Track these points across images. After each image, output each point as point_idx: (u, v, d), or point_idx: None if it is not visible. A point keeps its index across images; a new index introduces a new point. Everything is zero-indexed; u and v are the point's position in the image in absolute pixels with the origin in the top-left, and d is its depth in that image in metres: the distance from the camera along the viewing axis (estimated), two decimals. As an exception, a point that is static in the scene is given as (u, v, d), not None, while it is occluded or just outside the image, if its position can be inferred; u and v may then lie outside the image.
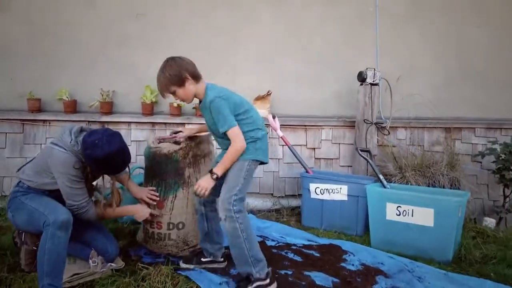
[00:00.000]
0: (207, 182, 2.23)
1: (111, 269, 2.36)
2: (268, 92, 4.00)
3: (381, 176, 3.26)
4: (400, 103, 4.07)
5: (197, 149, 2.70)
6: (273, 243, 3.02)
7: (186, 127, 2.72)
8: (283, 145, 3.95)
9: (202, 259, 2.54)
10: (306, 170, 3.60)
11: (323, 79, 4.28)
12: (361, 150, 3.55)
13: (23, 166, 2.31)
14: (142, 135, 3.86)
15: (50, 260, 1.98)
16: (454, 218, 2.76)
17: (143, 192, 2.58)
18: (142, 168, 2.96)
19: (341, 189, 3.37)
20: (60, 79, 3.92)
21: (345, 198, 3.36)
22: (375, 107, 3.93)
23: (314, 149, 4.10)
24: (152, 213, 2.56)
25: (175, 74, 2.20)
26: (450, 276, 2.55)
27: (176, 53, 2.31)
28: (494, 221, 3.75)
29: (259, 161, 2.32)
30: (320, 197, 3.45)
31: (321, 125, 4.10)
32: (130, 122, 3.86)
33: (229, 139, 2.22)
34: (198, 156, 2.70)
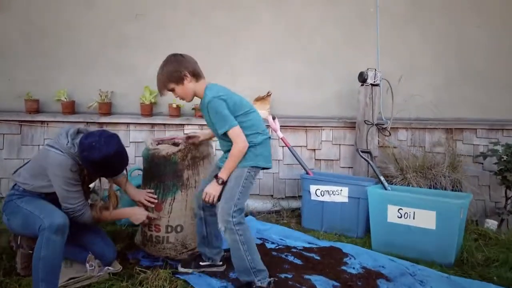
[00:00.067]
0: (214, 188, 2.21)
1: (108, 273, 2.33)
2: (268, 93, 3.97)
3: (382, 177, 3.23)
4: (400, 104, 4.04)
5: (196, 151, 2.67)
6: (273, 246, 2.99)
7: (202, 130, 2.69)
8: (283, 146, 3.92)
9: (200, 263, 2.50)
10: (306, 171, 3.57)
11: (323, 80, 4.25)
12: (362, 151, 3.52)
13: (19, 168, 2.28)
14: (141, 136, 3.83)
15: (45, 266, 1.94)
16: (456, 220, 2.72)
17: (141, 194, 2.54)
18: (141, 169, 2.92)
19: (341, 191, 3.33)
20: (58, 79, 3.89)
21: (346, 200, 3.33)
22: (376, 107, 3.90)
23: (314, 150, 4.07)
24: (149, 216, 2.52)
25: (174, 71, 2.17)
26: (452, 279, 2.52)
27: (176, 53, 2.28)
28: (496, 223, 3.72)
29: (260, 167, 2.27)
30: (320, 198, 3.42)
31: (322, 126, 4.07)
32: (129, 123, 3.84)
33: (230, 140, 2.17)
34: (197, 158, 2.66)
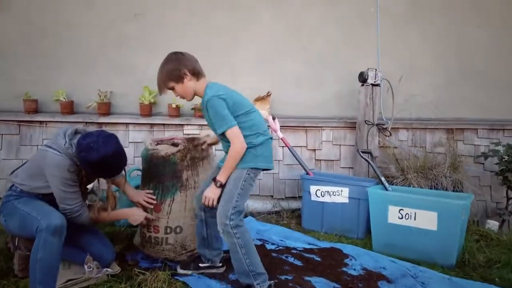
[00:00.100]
0: (213, 192, 2.18)
1: (107, 275, 2.31)
2: (268, 93, 3.95)
3: (382, 178, 3.21)
4: (401, 104, 4.01)
5: (195, 152, 2.65)
6: (273, 247, 2.97)
7: (210, 135, 2.66)
8: (283, 147, 3.90)
9: (200, 265, 2.48)
10: (306, 172, 3.55)
11: (324, 80, 4.22)
12: (362, 151, 3.50)
13: (16, 169, 2.25)
14: (140, 137, 3.81)
15: (42, 268, 1.92)
16: (458, 221, 2.70)
17: (140, 195, 2.52)
18: (140, 170, 2.90)
19: (342, 191, 3.31)
20: (57, 79, 3.87)
21: (346, 200, 3.30)
22: (376, 108, 3.88)
23: (314, 150, 4.05)
24: (147, 217, 2.50)
25: (173, 69, 2.15)
26: (454, 281, 2.49)
27: (175, 54, 2.26)
28: (497, 223, 3.70)
29: (261, 169, 2.23)
30: (320, 199, 3.40)
31: (322, 126, 4.05)
32: (128, 123, 3.81)
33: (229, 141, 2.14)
34: (196, 158, 2.64)
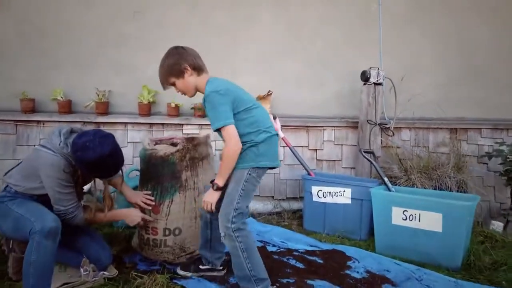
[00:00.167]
0: (211, 196, 2.11)
1: (104, 278, 2.25)
2: (268, 92, 3.89)
3: (385, 178, 3.15)
4: (403, 104, 3.96)
5: (195, 152, 2.59)
6: (274, 249, 2.91)
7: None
8: (284, 147, 3.84)
9: (200, 267, 2.41)
10: (308, 172, 3.50)
11: (324, 79, 4.17)
12: (365, 151, 3.44)
13: (11, 170, 2.20)
14: (139, 136, 3.75)
15: (36, 271, 1.86)
16: (464, 223, 2.64)
17: (138, 196, 2.47)
18: (138, 170, 2.84)
19: (344, 192, 3.26)
20: (55, 78, 3.81)
21: (349, 201, 3.25)
22: (378, 107, 3.82)
23: (316, 150, 4.00)
24: (144, 218, 2.44)
25: (174, 63, 2.09)
26: (460, 284, 2.43)
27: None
28: (501, 224, 3.64)
29: (265, 168, 2.14)
30: (322, 200, 3.34)
31: (323, 126, 4.00)
32: (126, 122, 3.76)
33: None
34: (195, 158, 2.59)
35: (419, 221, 2.77)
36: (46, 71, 3.81)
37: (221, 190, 2.10)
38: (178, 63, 2.09)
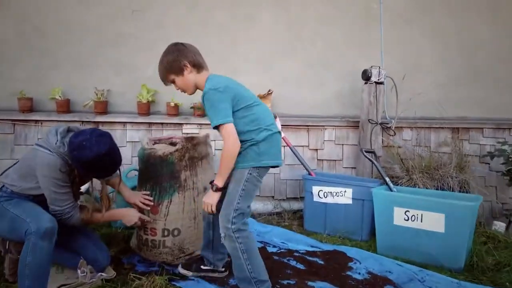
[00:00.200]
0: (210, 197, 2.06)
1: (101, 280, 2.21)
2: (269, 91, 3.85)
3: (387, 178, 3.11)
4: (405, 103, 3.92)
5: (194, 151, 2.55)
6: (275, 250, 2.87)
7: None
8: (284, 146, 3.79)
9: (202, 267, 2.36)
10: (308, 172, 3.46)
11: (325, 79, 4.14)
12: (366, 151, 3.40)
13: (7, 169, 2.16)
14: (138, 136, 3.72)
15: (31, 272, 1.82)
16: (467, 224, 2.61)
17: (136, 196, 2.43)
18: (137, 170, 2.80)
19: (345, 192, 3.22)
20: (53, 77, 3.77)
21: (350, 201, 3.21)
22: (380, 106, 3.79)
23: (316, 150, 3.97)
24: (141, 218, 2.40)
25: (173, 60, 2.05)
26: (463, 285, 2.39)
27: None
28: (504, 225, 3.60)
29: (266, 167, 2.09)
30: (323, 200, 3.31)
31: (324, 125, 3.97)
32: (125, 122, 3.72)
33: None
34: (195, 158, 2.55)
35: (421, 221, 2.74)
36: (44, 70, 3.78)
37: (221, 191, 2.06)
38: (177, 60, 2.05)
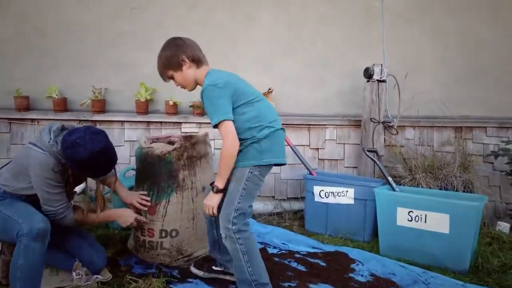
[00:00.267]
0: (211, 199, 1.99)
1: (97, 282, 2.15)
2: (269, 89, 3.80)
3: (390, 178, 3.05)
4: (407, 102, 3.87)
5: (193, 150, 2.50)
6: (275, 251, 2.82)
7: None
8: (285, 145, 3.75)
9: (213, 267, 2.30)
10: (309, 171, 3.40)
11: (325, 77, 4.08)
12: (368, 150, 3.34)
13: (0, 169, 2.10)
14: (136, 135, 3.66)
15: (23, 275, 1.77)
16: (472, 224, 2.55)
17: (133, 196, 2.37)
18: (135, 169, 2.75)
19: (347, 192, 3.16)
20: (50, 76, 3.71)
21: (352, 201, 3.15)
22: (382, 105, 3.73)
23: (317, 149, 3.91)
24: (137, 218, 2.34)
25: (171, 56, 2.00)
26: (468, 288, 2.34)
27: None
28: (508, 225, 3.54)
29: (269, 165, 2.02)
30: (324, 200, 3.25)
31: (325, 124, 3.91)
32: (123, 121, 3.67)
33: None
34: (193, 157, 2.49)
35: (425, 222, 2.68)
36: (41, 68, 3.72)
37: (222, 192, 1.99)
38: (175, 55, 2.00)
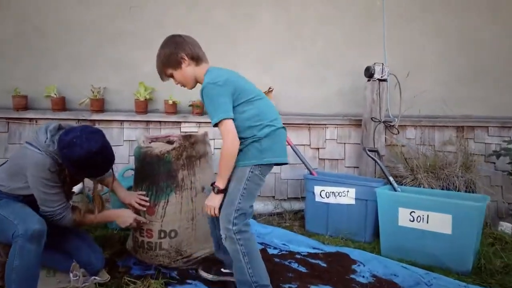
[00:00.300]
0: (212, 200, 1.96)
1: (95, 283, 2.12)
2: (269, 88, 3.76)
3: (391, 178, 3.02)
4: (408, 101, 3.83)
5: (192, 150, 2.46)
6: (275, 251, 2.79)
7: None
8: (286, 144, 3.72)
9: (222, 270, 2.26)
10: (310, 171, 3.37)
11: (326, 76, 4.05)
12: (369, 150, 3.31)
13: (-4, 168, 2.07)
14: (135, 135, 3.63)
15: (19, 277, 1.74)
16: (474, 225, 2.52)
17: (132, 196, 2.34)
18: (134, 169, 2.72)
19: (348, 192, 3.13)
20: (48, 75, 3.69)
21: (353, 201, 3.12)
22: (383, 104, 3.69)
23: (318, 149, 3.88)
24: (137, 219, 2.31)
25: (170, 53, 1.97)
26: (471, 289, 2.31)
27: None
28: (510, 225, 3.50)
29: (270, 164, 1.99)
30: (325, 200, 3.22)
31: (325, 124, 3.88)
32: (122, 120, 3.64)
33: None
34: (193, 157, 2.46)
35: (427, 222, 2.65)
36: (38, 67, 3.69)
37: (223, 192, 1.96)
38: (174, 53, 1.97)
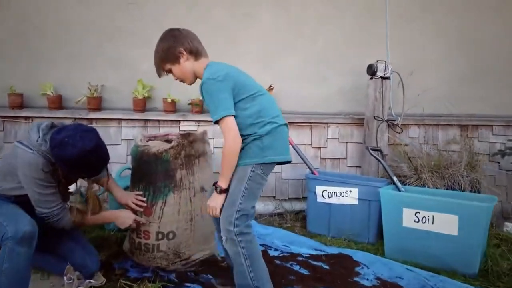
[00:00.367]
0: (215, 200, 1.89)
1: (90, 287, 2.06)
2: (270, 86, 3.69)
3: (395, 178, 2.95)
4: (412, 99, 3.76)
5: (191, 149, 2.39)
6: (276, 253, 2.71)
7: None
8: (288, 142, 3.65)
9: None
10: (311, 171, 3.30)
11: (327, 75, 3.98)
12: (372, 149, 3.24)
13: (-12, 169, 2.00)
14: (133, 133, 3.56)
15: (8, 280, 1.67)
16: (481, 226, 2.45)
17: (129, 197, 2.27)
18: (131, 169, 2.65)
19: (350, 192, 3.06)
20: (44, 73, 3.62)
21: (355, 202, 3.06)
22: (386, 102, 3.62)
23: (319, 148, 3.81)
24: (136, 220, 2.25)
25: (168, 48, 1.90)
26: (479, 292, 2.24)
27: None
28: (515, 226, 3.45)
29: (272, 163, 1.92)
30: (327, 200, 3.15)
31: (327, 123, 3.81)
32: (120, 119, 3.57)
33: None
34: (191, 156, 2.39)
35: (432, 223, 2.58)
36: (34, 64, 3.62)
37: (226, 192, 1.89)
38: (172, 47, 1.90)
